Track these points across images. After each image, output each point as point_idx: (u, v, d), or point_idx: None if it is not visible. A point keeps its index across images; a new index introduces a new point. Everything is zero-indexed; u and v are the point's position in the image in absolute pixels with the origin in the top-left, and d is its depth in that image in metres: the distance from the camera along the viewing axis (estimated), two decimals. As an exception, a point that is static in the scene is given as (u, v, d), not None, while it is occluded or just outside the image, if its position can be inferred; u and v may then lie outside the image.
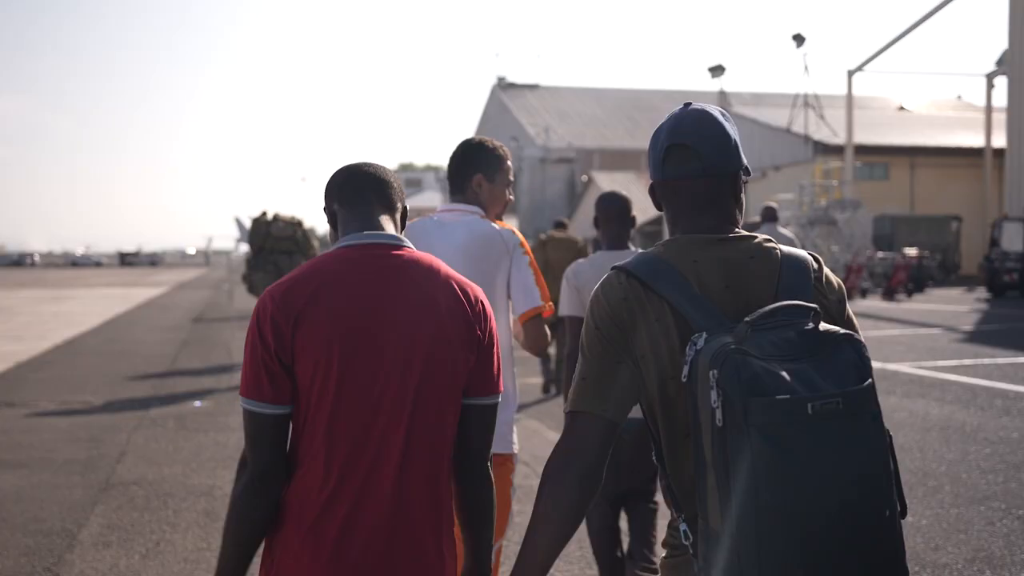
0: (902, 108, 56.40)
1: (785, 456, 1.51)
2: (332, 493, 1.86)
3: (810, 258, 1.81)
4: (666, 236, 1.90)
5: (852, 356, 1.60)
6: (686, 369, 1.62)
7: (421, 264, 1.97)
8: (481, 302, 2.01)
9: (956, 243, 36.03)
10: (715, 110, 1.85)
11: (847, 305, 1.85)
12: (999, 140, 39.24)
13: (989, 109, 40.31)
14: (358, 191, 2.04)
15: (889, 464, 1.60)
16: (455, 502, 2.04)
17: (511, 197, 3.37)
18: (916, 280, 27.71)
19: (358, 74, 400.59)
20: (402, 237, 2.01)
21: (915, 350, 13.61)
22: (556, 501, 1.74)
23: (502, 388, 2.05)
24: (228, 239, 55.40)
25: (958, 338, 15.48)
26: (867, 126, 41.48)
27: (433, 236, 3.15)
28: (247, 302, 27.00)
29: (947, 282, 33.34)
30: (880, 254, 30.61)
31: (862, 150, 38.76)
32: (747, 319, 1.60)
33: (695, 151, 1.79)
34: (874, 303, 24.61)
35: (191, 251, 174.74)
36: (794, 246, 8.45)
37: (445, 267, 2.03)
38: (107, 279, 55.04)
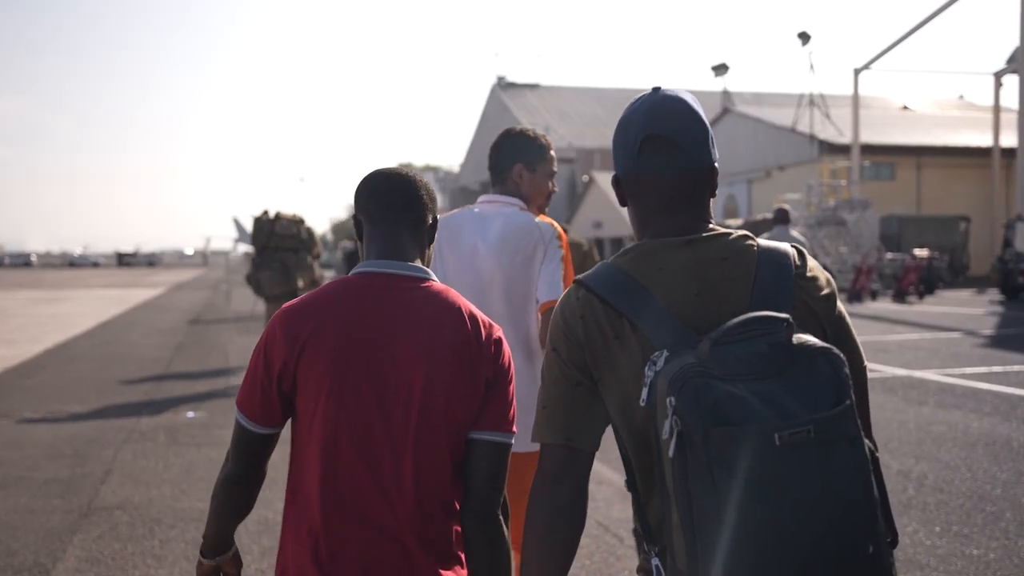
0: (905, 107, 55.89)
1: (750, 491, 1.37)
2: (332, 525, 1.84)
3: (792, 251, 1.65)
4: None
5: (827, 373, 1.43)
6: (645, 392, 1.49)
7: (435, 298, 1.92)
8: (495, 339, 1.94)
9: (964, 244, 35.51)
10: (688, 96, 1.70)
11: (838, 302, 1.68)
12: (1005, 140, 38.77)
13: (997, 108, 39.83)
14: (383, 209, 1.97)
15: (872, 492, 1.45)
16: (465, 550, 1.92)
17: (555, 188, 3.28)
18: (926, 282, 27.19)
19: (357, 74, 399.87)
20: (421, 267, 1.96)
21: (939, 356, 13.10)
22: (535, 545, 1.63)
23: (514, 429, 1.94)
24: (226, 239, 54.97)
25: (981, 343, 14.96)
26: (871, 125, 41.01)
27: (470, 228, 3.12)
28: (245, 303, 26.53)
29: (956, 283, 32.80)
30: (889, 255, 30.09)
31: (868, 149, 38.30)
32: (710, 336, 1.45)
33: (676, 142, 1.65)
34: (885, 305, 24.10)
35: (189, 251, 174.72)
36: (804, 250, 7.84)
37: (462, 301, 1.96)
38: (104, 280, 54.53)
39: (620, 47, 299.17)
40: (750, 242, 1.64)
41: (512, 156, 3.17)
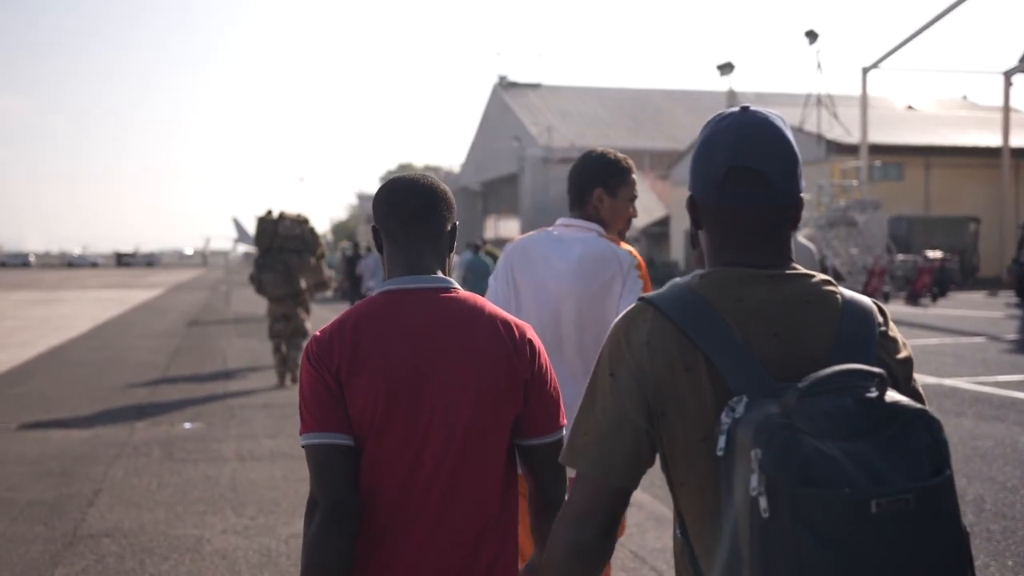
0: (910, 107, 55.41)
1: (840, 562, 1.23)
2: (374, 541, 1.85)
3: (875, 308, 1.54)
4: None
5: (925, 439, 1.30)
6: (722, 441, 1.36)
7: (464, 307, 1.93)
8: (528, 341, 1.95)
9: (974, 245, 35.03)
10: (779, 120, 1.58)
11: (913, 368, 1.54)
12: (1014, 140, 38.29)
13: (1007, 107, 39.37)
14: (402, 227, 1.96)
15: (971, 569, 1.33)
16: (534, 537, 2.00)
17: (635, 213, 3.18)
18: (939, 284, 26.70)
19: (357, 73, 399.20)
20: (444, 277, 1.96)
21: (966, 363, 12.59)
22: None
23: (564, 422, 1.96)
24: (226, 239, 54.70)
25: (1007, 348, 14.46)
26: (878, 125, 40.49)
27: (548, 250, 3.04)
28: (244, 304, 26.06)
29: (965, 285, 32.29)
30: (900, 256, 29.60)
31: (876, 149, 37.78)
32: (800, 385, 1.31)
33: (764, 177, 1.52)
34: (899, 308, 23.61)
35: (188, 251, 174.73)
36: (812, 256, 7.38)
37: (490, 307, 1.96)
38: (102, 280, 54.02)
39: (623, 46, 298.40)
40: (832, 288, 1.53)
41: (592, 180, 3.07)
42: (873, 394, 1.32)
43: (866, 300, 1.54)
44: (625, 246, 3.07)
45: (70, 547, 5.26)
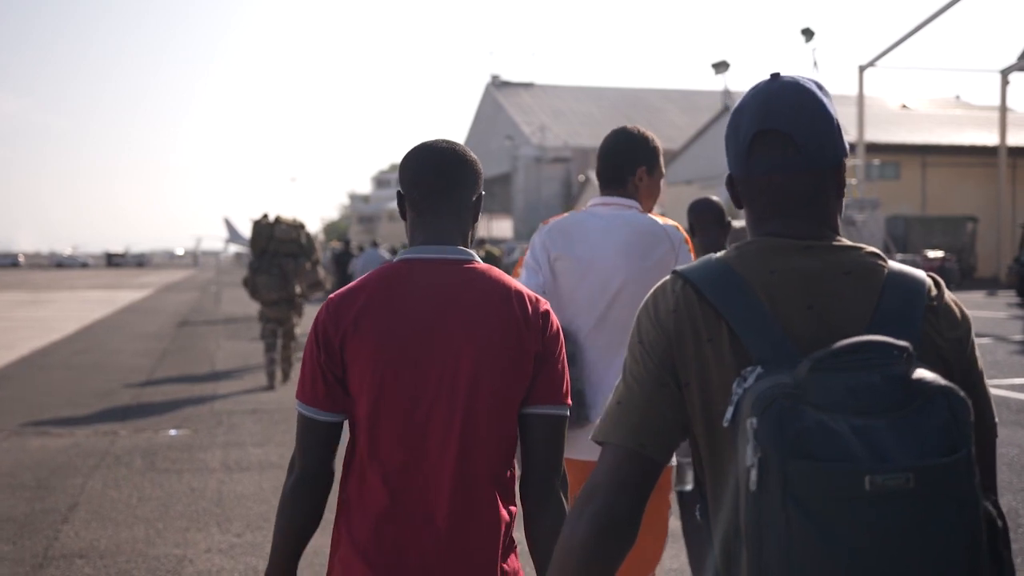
0: (904, 107, 55.24)
1: (828, 542, 1.18)
2: (384, 512, 1.85)
3: (928, 280, 1.42)
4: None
5: (943, 416, 1.22)
6: (729, 411, 1.32)
7: (480, 279, 1.92)
8: (543, 313, 1.94)
9: (972, 245, 34.82)
10: (811, 83, 1.49)
11: (974, 346, 1.43)
12: (1011, 139, 38.08)
13: (1004, 106, 39.19)
14: (426, 196, 1.96)
15: (979, 569, 1.21)
16: (525, 528, 1.93)
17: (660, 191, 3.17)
18: (939, 284, 26.43)
19: (349, 73, 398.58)
20: (464, 249, 1.96)
21: (976, 364, 12.26)
22: (575, 564, 1.40)
23: (568, 401, 1.95)
24: (217, 240, 54.49)
25: (1016, 350, 14.14)
26: (874, 124, 40.28)
27: (590, 229, 2.97)
28: (235, 305, 25.68)
29: (963, 285, 32.04)
30: (899, 256, 29.37)
31: (872, 148, 37.57)
32: (811, 356, 1.26)
33: (791, 139, 1.44)
34: (899, 308, 23.31)
35: (179, 252, 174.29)
36: None
37: (507, 279, 1.95)
38: (92, 281, 53.50)
39: (617, 45, 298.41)
40: (880, 261, 1.44)
41: (634, 158, 3.04)
42: (899, 370, 1.26)
43: (918, 273, 1.44)
44: (668, 220, 3.06)
45: (40, 569, 4.86)
